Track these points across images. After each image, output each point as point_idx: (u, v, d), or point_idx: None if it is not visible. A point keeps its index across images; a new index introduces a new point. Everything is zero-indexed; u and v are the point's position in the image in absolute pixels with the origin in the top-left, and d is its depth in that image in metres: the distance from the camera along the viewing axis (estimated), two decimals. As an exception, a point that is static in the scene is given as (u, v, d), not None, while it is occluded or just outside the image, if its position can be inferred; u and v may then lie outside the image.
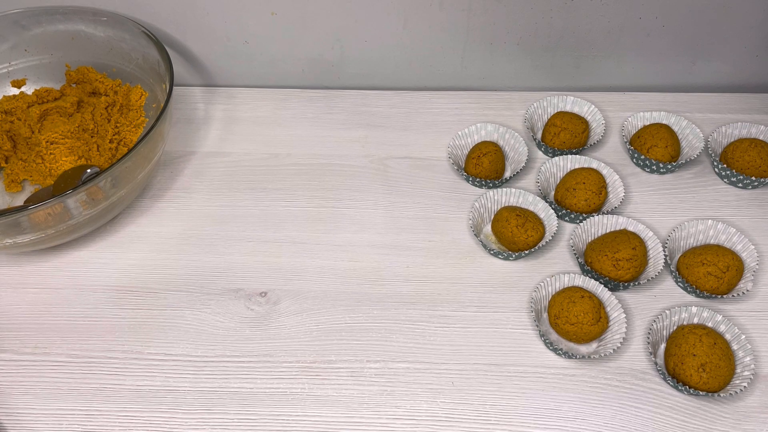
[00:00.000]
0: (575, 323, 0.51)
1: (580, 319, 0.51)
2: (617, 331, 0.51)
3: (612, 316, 0.52)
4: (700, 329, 0.50)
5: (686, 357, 0.48)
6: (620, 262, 0.54)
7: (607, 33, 0.69)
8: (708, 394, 0.48)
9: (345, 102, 0.74)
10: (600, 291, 0.54)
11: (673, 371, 0.49)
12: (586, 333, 0.51)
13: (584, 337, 0.51)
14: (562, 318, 0.51)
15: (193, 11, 0.68)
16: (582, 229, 0.58)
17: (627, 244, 0.55)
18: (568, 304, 0.51)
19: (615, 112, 0.71)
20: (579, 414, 0.49)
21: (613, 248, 0.55)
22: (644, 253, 0.55)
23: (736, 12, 0.66)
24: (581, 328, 0.51)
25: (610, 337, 0.51)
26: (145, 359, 0.53)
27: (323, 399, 0.50)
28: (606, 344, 0.51)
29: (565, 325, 0.51)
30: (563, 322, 0.51)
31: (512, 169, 0.65)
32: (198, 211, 0.63)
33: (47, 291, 0.57)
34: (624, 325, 0.51)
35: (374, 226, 0.61)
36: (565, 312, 0.51)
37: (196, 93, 0.76)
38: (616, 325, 0.52)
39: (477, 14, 0.67)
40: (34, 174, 0.64)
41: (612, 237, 0.56)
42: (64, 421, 0.49)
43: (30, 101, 0.67)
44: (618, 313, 0.52)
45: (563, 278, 0.55)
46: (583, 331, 0.51)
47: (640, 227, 0.58)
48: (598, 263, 0.55)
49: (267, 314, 0.55)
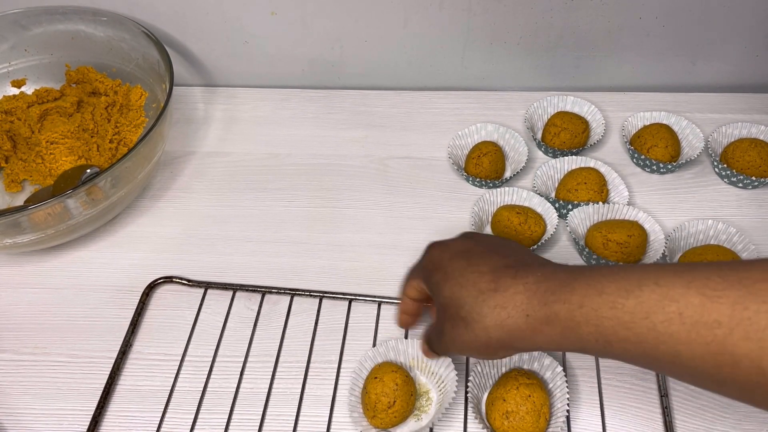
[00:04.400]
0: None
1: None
2: None
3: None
4: (524, 378, 0.47)
5: (497, 400, 0.46)
6: (610, 243, 0.55)
7: (607, 33, 0.69)
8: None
9: (345, 102, 0.74)
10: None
11: (487, 409, 0.48)
12: None
13: None
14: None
15: (193, 11, 0.68)
16: (593, 210, 0.59)
17: (626, 230, 0.55)
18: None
19: (615, 112, 0.71)
20: (579, 414, 0.49)
21: (611, 229, 0.55)
22: (640, 246, 0.55)
23: (736, 12, 0.66)
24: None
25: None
26: (145, 359, 0.53)
27: (323, 399, 0.50)
28: None
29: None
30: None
31: (512, 169, 0.65)
32: (198, 211, 0.63)
33: (47, 291, 0.57)
34: None
35: (374, 226, 0.61)
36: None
37: (196, 93, 0.76)
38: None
39: (477, 14, 0.67)
40: (34, 174, 0.64)
41: (618, 222, 0.56)
42: (64, 421, 0.49)
43: (30, 101, 0.67)
44: None
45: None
46: None
47: (656, 227, 0.57)
48: (591, 238, 0.56)
49: (267, 314, 0.55)
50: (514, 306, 0.37)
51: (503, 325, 0.37)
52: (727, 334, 0.30)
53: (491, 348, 0.39)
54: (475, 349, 0.40)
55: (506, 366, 0.50)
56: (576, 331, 0.35)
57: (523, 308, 0.37)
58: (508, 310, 0.37)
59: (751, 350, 0.29)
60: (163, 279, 0.57)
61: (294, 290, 0.56)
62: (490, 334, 0.38)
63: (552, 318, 0.36)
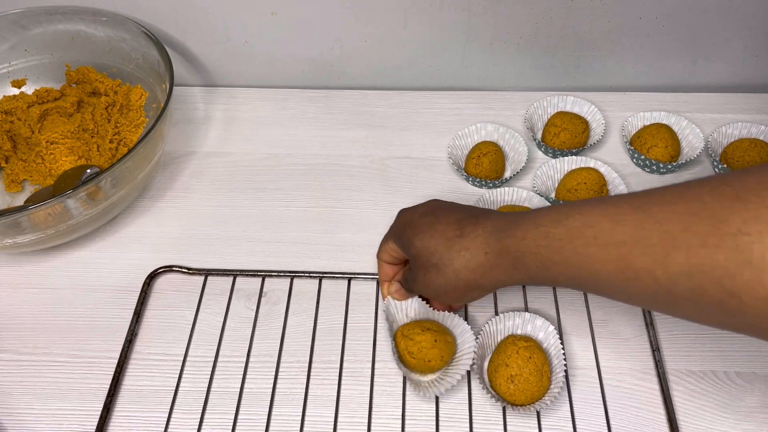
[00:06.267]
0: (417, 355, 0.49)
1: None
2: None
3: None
4: (522, 341, 0.49)
5: (500, 366, 0.48)
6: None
7: (607, 33, 0.69)
8: (514, 406, 0.47)
9: (345, 102, 0.74)
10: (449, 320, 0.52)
11: (490, 377, 0.49)
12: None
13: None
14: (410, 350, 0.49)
15: (193, 11, 0.68)
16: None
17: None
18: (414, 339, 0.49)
19: (615, 112, 0.71)
20: (579, 414, 0.49)
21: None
22: None
23: (736, 12, 0.66)
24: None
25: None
26: (145, 359, 0.53)
27: (323, 399, 0.50)
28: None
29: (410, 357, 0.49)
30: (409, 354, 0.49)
31: (512, 169, 0.65)
32: (198, 211, 0.63)
33: (47, 291, 0.57)
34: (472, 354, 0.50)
35: (374, 226, 0.61)
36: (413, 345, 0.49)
37: (196, 93, 0.76)
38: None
39: (477, 14, 0.67)
40: (34, 174, 0.64)
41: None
42: (64, 421, 0.49)
43: (30, 101, 0.67)
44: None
45: None
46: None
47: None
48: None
49: (267, 314, 0.55)
50: (475, 247, 0.43)
51: (468, 265, 0.43)
52: (629, 251, 0.35)
53: (460, 289, 0.44)
54: (448, 292, 0.45)
55: (502, 334, 0.52)
56: (523, 261, 0.40)
57: (483, 247, 0.42)
58: (471, 251, 0.43)
59: (646, 263, 0.34)
60: (164, 268, 0.58)
61: (293, 272, 0.57)
62: (459, 275, 0.43)
63: (503, 252, 0.41)
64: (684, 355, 0.52)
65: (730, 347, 0.52)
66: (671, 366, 0.51)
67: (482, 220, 0.44)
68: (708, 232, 0.31)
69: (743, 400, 0.49)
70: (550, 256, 0.39)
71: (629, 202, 0.36)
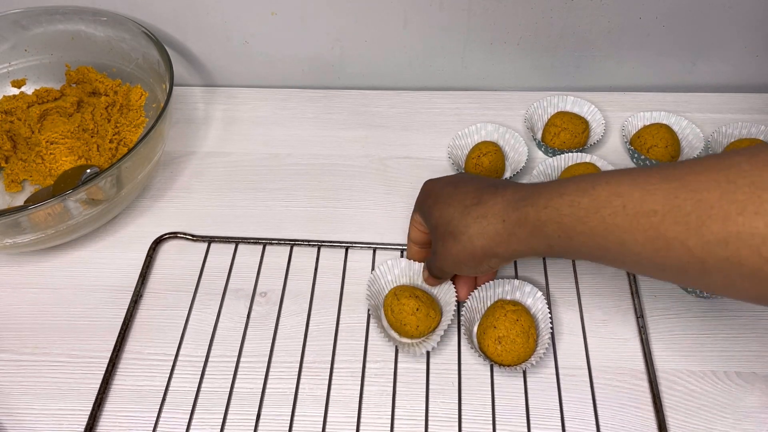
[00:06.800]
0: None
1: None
2: None
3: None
4: (510, 305, 0.51)
5: (488, 328, 0.50)
6: None
7: (607, 33, 0.69)
8: (502, 366, 0.50)
9: (345, 102, 0.74)
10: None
11: (479, 339, 0.51)
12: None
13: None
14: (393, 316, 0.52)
15: (193, 11, 0.68)
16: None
17: None
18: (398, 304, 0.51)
19: (615, 112, 0.71)
20: (579, 414, 0.49)
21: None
22: None
23: (736, 12, 0.66)
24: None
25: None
26: (145, 359, 0.53)
27: (323, 399, 0.50)
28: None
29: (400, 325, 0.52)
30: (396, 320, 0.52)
31: (512, 169, 0.65)
32: (198, 211, 0.63)
33: (47, 291, 0.57)
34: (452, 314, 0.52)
35: (374, 226, 0.61)
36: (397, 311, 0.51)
37: (196, 93, 0.76)
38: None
39: (477, 14, 0.67)
40: (34, 174, 0.64)
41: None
42: (64, 421, 0.49)
43: (30, 101, 0.67)
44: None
45: None
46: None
47: None
48: None
49: (267, 314, 0.55)
50: (493, 214, 0.42)
51: (484, 232, 0.42)
52: (660, 221, 0.34)
53: (477, 257, 0.44)
54: (464, 261, 0.45)
55: (491, 299, 0.53)
56: (542, 230, 0.40)
57: (500, 215, 0.42)
58: (488, 218, 0.42)
59: (679, 232, 0.33)
60: (169, 234, 0.60)
61: (293, 240, 0.59)
62: (474, 242, 0.43)
63: (522, 220, 0.41)
64: (684, 355, 0.52)
65: (730, 347, 0.52)
66: (671, 366, 0.51)
67: (501, 190, 0.44)
68: (747, 199, 0.31)
69: (743, 400, 0.49)
70: (573, 226, 0.38)
71: (659, 173, 0.35)
